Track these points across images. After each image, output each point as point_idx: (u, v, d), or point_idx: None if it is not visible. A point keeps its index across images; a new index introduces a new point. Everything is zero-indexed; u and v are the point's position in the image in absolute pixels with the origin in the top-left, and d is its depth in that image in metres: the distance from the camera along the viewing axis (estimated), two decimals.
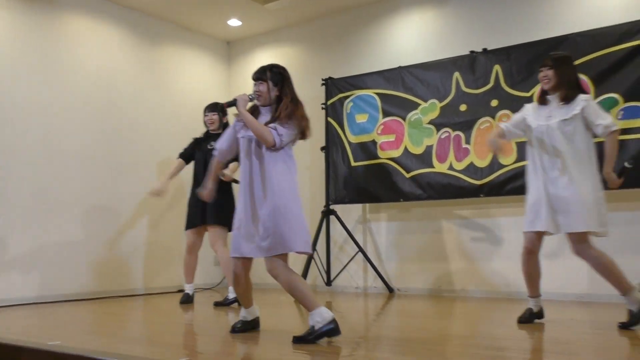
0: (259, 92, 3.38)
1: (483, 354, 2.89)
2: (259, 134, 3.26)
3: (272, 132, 3.25)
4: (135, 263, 6.35)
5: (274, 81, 3.37)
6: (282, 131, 3.26)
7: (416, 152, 5.76)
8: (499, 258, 5.49)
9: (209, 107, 5.35)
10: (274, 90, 3.38)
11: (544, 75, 3.68)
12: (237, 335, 3.51)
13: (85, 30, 6.17)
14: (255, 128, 3.27)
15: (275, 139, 3.25)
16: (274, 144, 3.26)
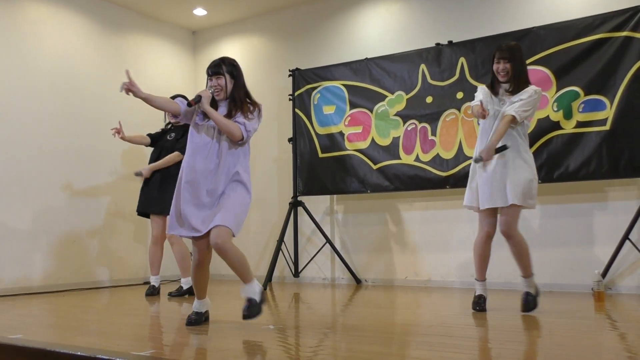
0: (218, 87, 3.44)
1: (448, 343, 2.94)
2: (227, 130, 3.35)
3: (241, 128, 3.37)
4: (100, 255, 6.26)
5: (230, 73, 3.46)
6: (250, 127, 3.40)
7: (383, 143, 5.79)
8: (465, 249, 5.57)
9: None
10: (230, 83, 3.46)
11: (503, 69, 3.77)
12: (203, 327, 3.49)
13: (46, 18, 6.02)
14: (223, 124, 3.35)
15: (243, 134, 3.37)
16: (242, 138, 3.39)
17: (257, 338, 3.14)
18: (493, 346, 2.81)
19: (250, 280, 3.41)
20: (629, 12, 4.76)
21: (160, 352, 2.86)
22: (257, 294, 3.40)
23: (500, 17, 5.54)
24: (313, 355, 2.70)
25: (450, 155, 5.44)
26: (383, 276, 5.99)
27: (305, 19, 6.73)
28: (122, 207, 6.48)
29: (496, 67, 3.79)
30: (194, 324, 3.48)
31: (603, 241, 4.92)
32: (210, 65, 3.48)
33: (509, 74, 3.76)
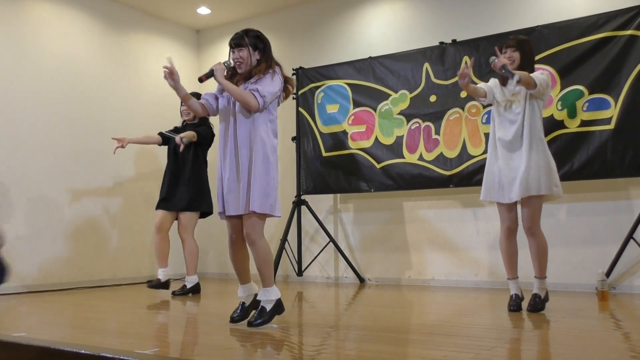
0: (240, 59, 3.34)
1: (451, 342, 2.94)
2: (242, 100, 3.24)
3: (255, 94, 3.23)
4: (103, 253, 6.27)
5: (254, 46, 3.34)
6: (264, 91, 3.24)
7: (386, 142, 5.79)
8: (468, 248, 5.57)
9: None
10: (255, 55, 3.35)
11: (509, 57, 3.77)
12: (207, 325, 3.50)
13: (49, 17, 6.03)
14: (237, 94, 3.24)
15: (258, 100, 3.23)
16: (258, 106, 3.24)
17: (260, 337, 3.15)
18: (496, 345, 2.81)
19: (270, 285, 3.32)
20: (633, 10, 4.74)
21: (163, 350, 2.87)
22: (271, 303, 3.32)
23: (504, 15, 5.53)
24: (316, 354, 2.70)
25: (454, 154, 5.43)
26: (386, 275, 5.99)
27: (308, 17, 6.73)
28: (125, 207, 6.49)
29: (502, 56, 3.79)
30: (237, 321, 3.37)
31: (607, 240, 4.91)
32: (232, 37, 3.36)
33: (515, 62, 3.75)
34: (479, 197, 5.39)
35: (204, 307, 4.69)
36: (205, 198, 5.19)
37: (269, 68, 3.34)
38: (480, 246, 5.47)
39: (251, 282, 3.49)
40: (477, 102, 5.33)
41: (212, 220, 5.55)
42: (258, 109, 3.26)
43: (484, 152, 5.23)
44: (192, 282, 5.17)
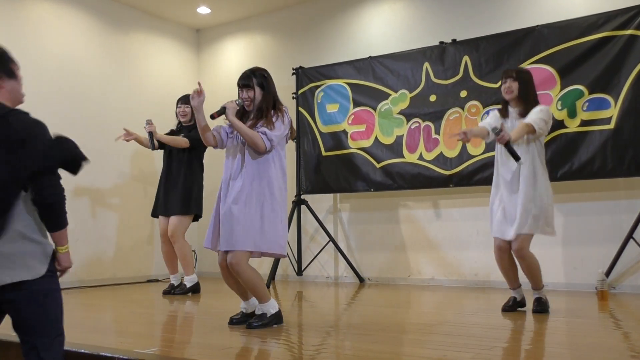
0: (247, 99, 3.44)
1: (451, 342, 2.94)
2: (250, 141, 3.34)
3: (262, 138, 3.33)
4: (103, 253, 6.27)
5: (260, 85, 3.45)
6: (272, 135, 3.35)
7: (386, 142, 5.79)
8: (468, 247, 5.57)
9: (183, 99, 5.31)
10: (260, 95, 3.44)
11: (508, 87, 3.75)
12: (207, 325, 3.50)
13: (49, 16, 6.02)
14: (246, 135, 3.34)
15: (265, 143, 3.33)
16: (265, 148, 3.35)
17: (260, 336, 3.15)
18: (496, 345, 2.81)
19: (266, 301, 3.38)
20: (633, 10, 4.73)
21: (163, 349, 2.87)
22: (270, 313, 3.37)
23: (504, 15, 5.53)
24: (316, 354, 2.71)
25: (454, 154, 5.43)
26: (386, 275, 5.99)
27: (308, 17, 6.72)
28: (125, 206, 6.49)
29: (502, 86, 3.79)
30: (235, 324, 3.42)
31: (607, 240, 4.91)
32: (240, 77, 3.47)
33: (514, 93, 3.73)
34: (478, 197, 5.44)
35: (203, 306, 4.69)
36: (197, 202, 5.20)
37: (277, 112, 3.44)
38: (480, 246, 5.47)
39: (253, 298, 3.53)
40: (477, 102, 5.34)
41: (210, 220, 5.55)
42: (265, 151, 3.36)
43: (484, 151, 5.24)
44: (191, 281, 5.17)
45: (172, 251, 5.22)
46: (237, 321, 3.44)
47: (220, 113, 3.39)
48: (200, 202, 5.24)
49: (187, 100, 5.28)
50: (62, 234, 2.12)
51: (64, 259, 2.15)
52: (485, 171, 5.19)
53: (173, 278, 5.26)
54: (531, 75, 3.87)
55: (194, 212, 5.19)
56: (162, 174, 5.29)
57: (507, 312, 3.77)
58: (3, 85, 2.09)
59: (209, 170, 5.55)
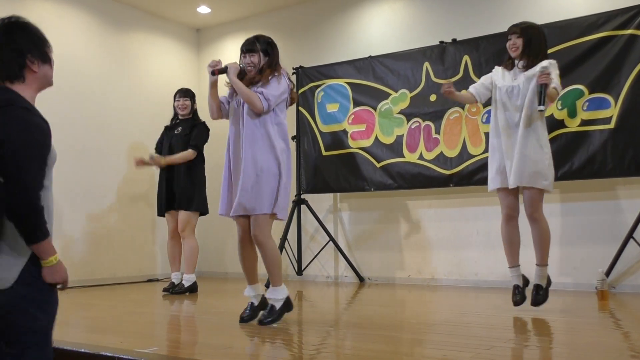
0: (251, 64, 3.43)
1: (451, 341, 2.94)
2: (248, 100, 3.34)
3: (260, 97, 3.32)
4: (103, 252, 6.27)
5: (264, 51, 3.44)
6: (268, 94, 3.34)
7: (387, 141, 5.79)
8: (468, 247, 5.57)
9: (181, 92, 5.34)
10: (264, 60, 3.44)
11: (513, 43, 3.78)
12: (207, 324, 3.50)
13: (50, 16, 6.02)
14: (244, 94, 3.34)
15: (263, 103, 3.32)
16: (262, 108, 3.34)
17: (260, 336, 3.15)
18: (496, 345, 2.81)
19: (278, 284, 3.39)
20: (634, 10, 4.73)
21: (163, 349, 2.87)
22: (280, 302, 3.39)
23: (504, 15, 5.52)
24: (316, 354, 2.71)
25: (454, 154, 5.43)
26: (386, 274, 5.98)
27: (308, 16, 6.72)
28: (125, 206, 6.49)
29: (508, 43, 3.81)
30: (247, 321, 3.39)
31: (607, 240, 4.91)
32: (245, 41, 3.47)
33: (519, 49, 3.74)
34: (479, 197, 5.44)
35: (203, 306, 4.69)
36: (201, 197, 5.20)
37: (274, 72, 3.42)
38: (480, 245, 5.47)
39: (258, 283, 3.53)
40: None
41: (211, 218, 5.55)
42: (262, 111, 3.35)
43: (484, 151, 5.23)
44: (189, 280, 5.17)
45: (178, 248, 5.24)
46: (248, 317, 3.42)
47: (222, 71, 3.41)
48: (204, 198, 5.23)
49: (186, 93, 5.30)
50: (41, 247, 1.89)
51: (47, 273, 1.91)
52: (486, 171, 5.13)
53: (174, 276, 5.25)
54: (538, 30, 3.83)
55: (200, 209, 5.18)
56: (161, 172, 5.28)
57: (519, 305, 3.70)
58: (36, 70, 2.00)
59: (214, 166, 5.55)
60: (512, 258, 3.82)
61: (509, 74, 3.82)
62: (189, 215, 5.12)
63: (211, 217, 5.30)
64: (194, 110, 5.36)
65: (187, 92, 5.34)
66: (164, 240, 5.53)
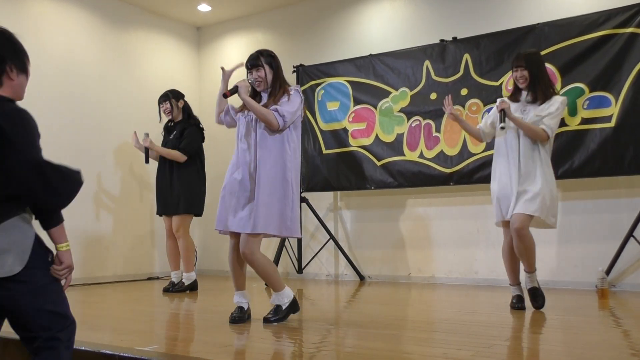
0: (258, 79, 3.44)
1: (451, 340, 2.94)
2: (263, 118, 3.33)
3: (275, 115, 3.32)
4: (104, 251, 6.27)
5: (269, 64, 3.46)
6: (283, 111, 3.34)
7: (387, 140, 5.79)
8: (469, 245, 5.57)
9: (160, 98, 5.37)
10: (270, 74, 3.46)
11: (521, 76, 3.78)
12: (206, 322, 3.50)
13: (50, 14, 6.02)
14: (259, 113, 3.33)
15: (278, 120, 3.32)
16: (278, 125, 3.34)
17: (260, 334, 3.15)
18: (496, 343, 2.81)
19: (281, 289, 3.42)
20: (634, 8, 4.73)
21: (163, 347, 2.87)
22: (286, 303, 3.41)
23: (504, 13, 5.52)
24: (316, 352, 2.71)
25: (455, 152, 5.43)
26: (386, 273, 5.99)
27: (309, 15, 6.72)
28: (125, 204, 6.49)
29: (514, 75, 3.82)
30: (237, 322, 3.40)
31: (607, 238, 4.91)
32: (248, 58, 3.48)
33: (527, 81, 3.76)
34: (479, 195, 5.44)
35: (202, 304, 4.70)
36: (197, 200, 5.21)
37: (283, 90, 3.44)
38: (480, 244, 5.48)
39: (245, 290, 3.54)
40: (477, 100, 5.34)
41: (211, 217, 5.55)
42: (278, 128, 3.35)
43: (485, 149, 5.24)
44: (189, 279, 5.18)
45: (176, 247, 5.26)
46: (239, 318, 3.43)
47: (233, 92, 3.40)
48: (200, 200, 5.24)
49: (164, 97, 5.35)
50: (60, 230, 2.03)
51: (64, 256, 2.09)
52: (486, 169, 5.18)
53: (174, 275, 5.26)
54: (539, 56, 3.86)
55: (195, 212, 5.21)
56: (157, 172, 5.33)
57: (517, 310, 3.75)
58: (14, 78, 2.01)
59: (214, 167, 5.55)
60: (512, 277, 3.87)
61: (516, 106, 3.82)
62: (181, 218, 5.15)
63: (211, 216, 5.30)
64: (186, 110, 5.34)
65: (166, 95, 5.34)
66: (163, 238, 5.55)
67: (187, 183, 5.15)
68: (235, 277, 3.51)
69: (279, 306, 3.42)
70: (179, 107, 5.31)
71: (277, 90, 3.44)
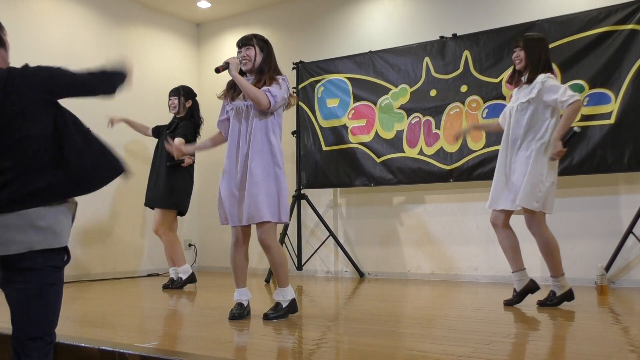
0: (246, 57, 3.42)
1: (451, 336, 2.94)
2: (253, 97, 3.30)
3: (266, 94, 3.31)
4: (103, 247, 6.28)
5: (260, 47, 3.45)
6: (274, 92, 3.33)
7: (387, 137, 5.79)
8: (468, 242, 5.57)
9: (171, 92, 5.43)
10: (260, 56, 3.44)
11: (516, 56, 3.79)
12: (206, 319, 3.50)
13: (49, 10, 6.01)
14: (249, 91, 3.31)
15: (270, 99, 3.31)
16: (269, 105, 3.31)
17: (259, 331, 3.16)
18: (496, 339, 2.81)
19: (285, 285, 3.44)
20: (634, 5, 4.73)
21: (163, 344, 2.87)
22: (287, 302, 3.43)
23: (504, 9, 5.52)
24: (316, 348, 2.71)
25: (454, 149, 5.42)
26: (386, 269, 5.99)
27: (309, 11, 6.71)
28: (124, 201, 6.49)
29: (512, 55, 3.82)
30: (237, 319, 3.40)
31: (607, 235, 4.91)
32: (241, 37, 3.47)
33: (522, 62, 3.75)
34: (478, 192, 5.44)
35: (202, 300, 4.70)
36: (179, 197, 5.20)
37: (275, 76, 3.43)
38: (479, 241, 5.48)
39: (247, 287, 3.54)
40: (477, 96, 5.33)
41: (211, 213, 5.55)
42: (268, 108, 3.32)
43: (484, 146, 5.24)
44: (185, 272, 5.17)
45: None
46: (239, 315, 3.43)
47: (224, 67, 3.38)
48: (183, 197, 5.22)
49: (174, 92, 5.38)
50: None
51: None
52: (486, 166, 5.19)
53: (171, 271, 5.26)
54: (540, 40, 3.82)
55: (175, 207, 5.20)
56: (152, 164, 5.36)
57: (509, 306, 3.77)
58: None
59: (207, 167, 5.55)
60: (511, 264, 3.85)
61: (517, 92, 3.82)
62: (161, 213, 5.15)
63: (212, 212, 5.30)
64: (191, 109, 5.33)
65: (177, 90, 5.36)
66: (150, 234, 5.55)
67: (172, 179, 5.15)
68: (236, 275, 3.50)
69: (279, 304, 3.42)
70: (185, 106, 5.31)
71: (264, 75, 3.40)
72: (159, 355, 2.55)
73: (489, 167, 5.19)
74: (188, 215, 5.73)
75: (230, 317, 3.41)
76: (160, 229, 5.14)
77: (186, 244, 6.99)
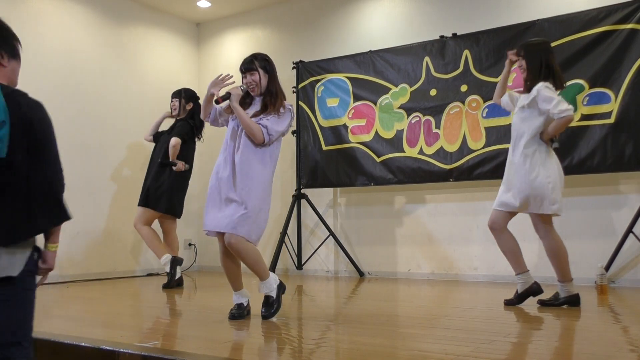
0: (252, 83, 3.44)
1: (451, 336, 2.94)
2: (249, 131, 3.34)
3: (263, 131, 3.33)
4: (104, 247, 6.28)
5: (264, 68, 3.45)
6: (273, 130, 3.35)
7: (387, 136, 5.79)
8: (468, 242, 5.57)
9: (173, 93, 5.48)
10: (265, 78, 3.45)
11: (520, 65, 3.83)
12: (206, 318, 3.50)
13: (49, 10, 6.01)
14: (246, 124, 3.34)
15: (265, 137, 3.34)
16: (263, 141, 3.35)
17: (259, 330, 3.16)
18: (496, 339, 2.81)
19: (266, 277, 3.43)
20: (634, 4, 4.72)
21: (163, 343, 2.87)
22: (274, 290, 3.43)
23: (504, 9, 5.51)
24: (316, 348, 2.71)
25: (454, 148, 5.42)
26: (386, 269, 5.99)
27: (309, 11, 6.71)
28: (124, 201, 6.48)
29: (517, 65, 3.86)
30: (237, 318, 3.40)
31: (607, 234, 4.91)
32: (242, 62, 3.48)
33: (525, 71, 3.78)
34: (478, 191, 5.44)
35: (202, 300, 4.70)
36: (164, 198, 5.22)
37: (282, 102, 3.44)
38: (479, 240, 5.48)
39: (244, 289, 3.55)
40: (477, 96, 5.33)
41: None
42: (261, 143, 3.36)
43: (484, 146, 5.24)
44: (165, 263, 5.15)
45: (166, 242, 5.33)
46: (238, 315, 3.44)
47: (224, 98, 3.40)
48: (168, 198, 5.24)
49: (176, 94, 5.45)
50: (59, 229, 1.99)
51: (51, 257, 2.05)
52: (486, 165, 5.19)
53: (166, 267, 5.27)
54: (539, 45, 3.82)
55: (153, 206, 5.22)
56: (147, 167, 5.46)
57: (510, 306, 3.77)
58: (6, 64, 1.97)
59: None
60: (514, 266, 3.83)
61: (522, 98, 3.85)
62: (141, 210, 5.24)
63: None
64: (192, 111, 5.35)
65: (178, 93, 5.44)
66: (161, 234, 5.55)
67: (159, 179, 5.19)
68: (230, 279, 3.52)
69: (269, 297, 3.43)
70: (185, 109, 5.36)
71: (272, 98, 3.42)
72: (159, 355, 2.55)
73: (489, 166, 5.20)
74: (188, 215, 5.74)
75: (230, 317, 3.42)
76: (137, 225, 5.23)
77: (186, 244, 7.01)
